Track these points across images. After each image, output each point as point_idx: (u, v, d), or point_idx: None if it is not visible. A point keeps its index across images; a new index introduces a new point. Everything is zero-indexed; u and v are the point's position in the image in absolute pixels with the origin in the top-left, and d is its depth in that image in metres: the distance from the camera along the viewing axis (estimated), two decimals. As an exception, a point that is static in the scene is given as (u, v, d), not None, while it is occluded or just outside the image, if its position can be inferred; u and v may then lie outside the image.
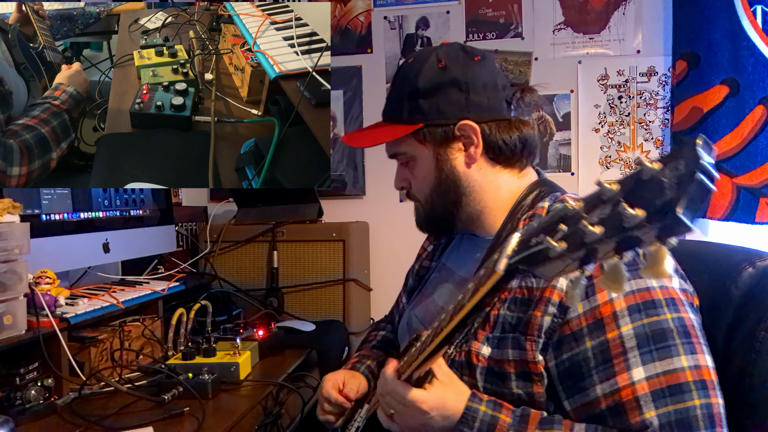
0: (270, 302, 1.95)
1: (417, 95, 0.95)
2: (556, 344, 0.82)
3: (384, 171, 2.30)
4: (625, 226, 0.44)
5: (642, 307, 0.80)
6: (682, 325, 0.79)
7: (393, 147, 1.01)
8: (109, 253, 1.57)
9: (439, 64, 0.95)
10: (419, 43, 2.25)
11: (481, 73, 0.95)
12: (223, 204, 2.33)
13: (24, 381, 1.15)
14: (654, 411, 0.75)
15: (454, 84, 0.94)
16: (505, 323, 0.86)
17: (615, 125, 2.14)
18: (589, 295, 0.81)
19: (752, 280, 0.89)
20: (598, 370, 0.79)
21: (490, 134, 0.94)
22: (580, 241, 0.48)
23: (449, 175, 0.96)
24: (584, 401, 0.80)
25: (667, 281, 0.83)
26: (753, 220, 1.88)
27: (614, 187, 0.46)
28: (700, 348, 0.79)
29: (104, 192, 1.58)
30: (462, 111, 0.94)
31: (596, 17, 2.14)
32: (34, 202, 1.35)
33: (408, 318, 1.10)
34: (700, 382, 0.77)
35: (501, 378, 0.85)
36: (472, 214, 0.98)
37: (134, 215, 1.71)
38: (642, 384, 0.77)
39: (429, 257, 1.18)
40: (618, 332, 0.79)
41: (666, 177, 0.42)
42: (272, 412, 1.27)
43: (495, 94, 0.95)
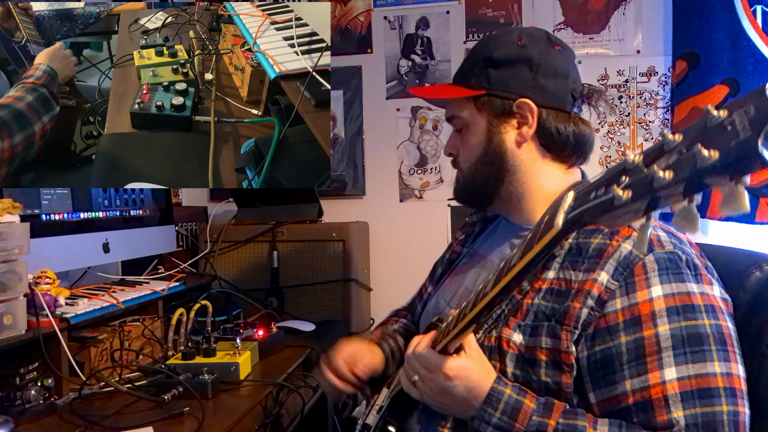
0: (270, 302, 1.95)
1: (489, 63, 0.96)
2: (590, 336, 0.82)
3: (384, 171, 2.31)
4: (698, 167, 0.45)
5: (681, 309, 0.80)
6: (719, 333, 0.80)
7: (452, 109, 1.02)
8: (109, 253, 1.57)
9: (519, 41, 0.96)
10: (419, 43, 2.25)
11: (556, 60, 0.96)
12: (223, 204, 2.33)
13: (24, 381, 1.15)
14: (681, 411, 0.76)
15: (527, 62, 0.95)
16: (539, 312, 0.86)
17: (615, 125, 2.14)
18: (630, 292, 0.81)
19: (759, 284, 0.90)
20: (630, 366, 0.80)
21: (546, 119, 0.94)
22: (648, 188, 0.48)
23: (497, 148, 0.96)
24: (611, 395, 0.81)
25: (708, 288, 0.83)
26: (753, 220, 1.88)
27: (677, 137, 0.47)
28: (734, 357, 0.80)
29: (104, 192, 1.58)
30: (526, 89, 0.94)
31: (596, 17, 2.14)
32: (34, 202, 1.35)
33: (435, 301, 1.09)
34: (730, 389, 0.77)
35: (531, 364, 0.85)
36: (512, 195, 0.98)
37: (134, 215, 1.71)
38: (673, 384, 0.77)
39: (461, 243, 1.17)
40: (655, 331, 0.79)
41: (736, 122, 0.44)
42: (272, 412, 1.27)
43: (563, 85, 0.96)
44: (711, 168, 0.44)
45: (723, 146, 0.44)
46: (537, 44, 0.96)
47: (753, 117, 0.43)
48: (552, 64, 0.95)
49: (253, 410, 1.22)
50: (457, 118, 1.01)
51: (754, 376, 0.85)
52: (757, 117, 0.43)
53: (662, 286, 0.81)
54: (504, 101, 0.95)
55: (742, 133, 0.43)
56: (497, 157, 0.96)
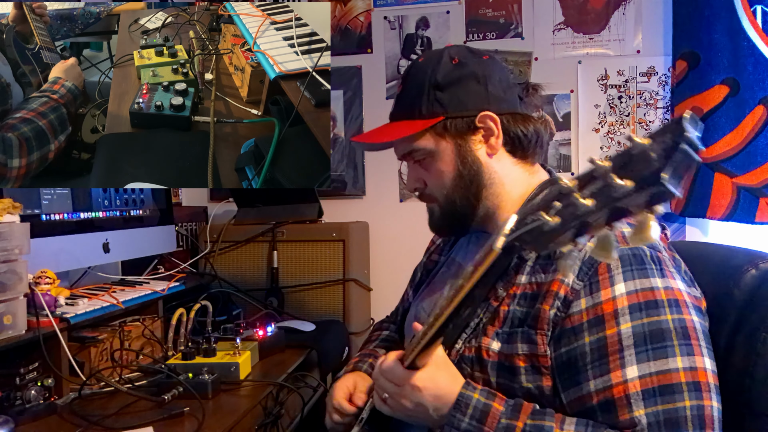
0: (270, 302, 1.95)
1: (436, 88, 0.95)
2: (557, 337, 0.83)
3: (384, 171, 2.30)
4: (614, 196, 0.47)
5: (644, 306, 0.80)
6: (683, 327, 0.80)
7: (407, 145, 0.99)
8: (109, 253, 1.57)
9: (452, 61, 0.96)
10: (419, 43, 2.25)
11: (494, 69, 0.97)
12: (223, 204, 2.33)
13: (24, 381, 1.14)
14: (643, 410, 0.76)
15: (473, 76, 0.95)
16: (514, 318, 0.87)
17: (615, 125, 2.14)
18: (593, 291, 0.82)
19: (754, 282, 0.90)
20: (593, 366, 0.80)
21: (509, 126, 0.95)
22: (574, 215, 0.50)
23: (472, 165, 0.96)
24: (578, 395, 0.81)
25: (673, 282, 0.83)
26: (753, 220, 1.88)
27: (606, 163, 0.49)
28: (699, 350, 0.79)
29: (104, 192, 1.58)
30: (482, 102, 0.95)
31: (596, 17, 2.14)
32: (34, 202, 1.35)
33: (415, 311, 1.10)
34: (693, 384, 0.77)
35: (511, 372, 0.85)
36: (489, 210, 0.98)
37: (134, 215, 1.71)
38: (634, 382, 0.77)
39: (438, 251, 1.18)
40: (617, 330, 0.80)
41: (654, 150, 0.45)
42: (272, 412, 1.27)
43: (510, 89, 0.97)
44: (625, 197, 0.46)
45: (638, 176, 0.46)
46: (469, 59, 0.97)
47: (667, 146, 0.44)
48: (494, 73, 0.96)
49: (253, 410, 1.22)
50: (416, 151, 0.98)
51: (749, 375, 0.85)
52: (669, 147, 0.44)
53: (626, 284, 0.81)
54: (466, 119, 0.95)
55: (654, 163, 0.45)
56: (473, 174, 0.96)
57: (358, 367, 1.14)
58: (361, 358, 1.18)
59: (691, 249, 0.95)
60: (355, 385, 1.09)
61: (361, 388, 1.08)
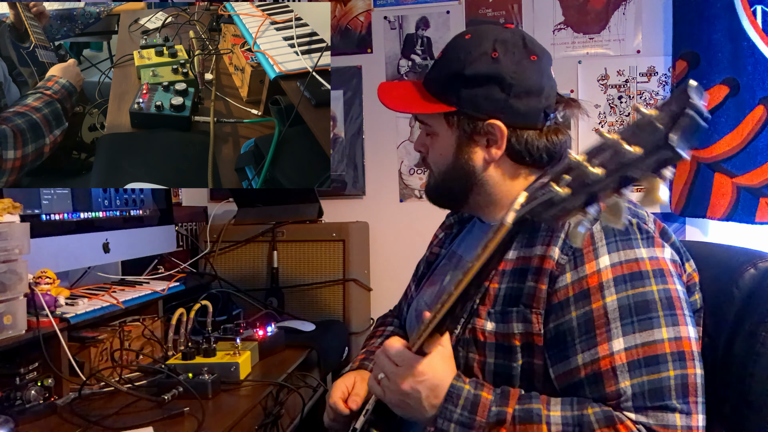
0: (270, 302, 1.95)
1: (460, 81, 0.94)
2: (545, 313, 0.84)
3: (384, 171, 2.30)
4: (624, 162, 0.49)
5: (628, 278, 0.81)
6: (667, 297, 0.81)
7: (422, 115, 1.02)
8: (109, 253, 1.57)
9: (493, 53, 0.93)
10: (419, 43, 2.25)
11: (530, 75, 0.93)
12: (223, 204, 2.33)
13: (24, 381, 1.14)
14: (629, 381, 0.78)
15: (499, 81, 0.92)
16: (506, 296, 0.87)
17: (615, 125, 2.14)
18: (578, 265, 0.82)
19: (754, 281, 0.90)
20: (580, 340, 0.81)
21: (516, 140, 0.94)
22: (583, 184, 0.52)
23: (464, 166, 0.96)
24: (566, 369, 0.82)
25: (659, 251, 0.84)
26: (753, 220, 1.88)
27: (614, 136, 0.51)
28: (683, 320, 0.81)
29: (104, 192, 1.58)
30: (496, 111, 0.93)
31: (596, 17, 2.14)
32: (34, 202, 1.35)
33: (416, 304, 1.10)
34: (677, 354, 0.78)
35: (508, 352, 0.86)
36: (481, 203, 0.99)
37: (134, 215, 1.71)
38: (620, 354, 0.78)
39: (439, 244, 1.18)
40: (602, 303, 0.80)
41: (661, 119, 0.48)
42: (272, 412, 1.27)
43: (535, 103, 0.93)
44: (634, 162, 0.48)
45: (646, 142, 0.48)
46: (511, 57, 0.92)
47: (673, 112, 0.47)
48: (525, 82, 0.92)
49: (253, 410, 1.22)
50: (426, 124, 1.00)
51: (749, 374, 0.85)
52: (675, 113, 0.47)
53: (609, 256, 0.82)
54: (474, 122, 0.94)
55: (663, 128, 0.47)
56: (464, 174, 0.97)
57: (363, 365, 1.13)
58: (366, 355, 1.17)
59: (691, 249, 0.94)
60: (354, 384, 1.08)
61: (359, 389, 1.07)
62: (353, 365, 1.15)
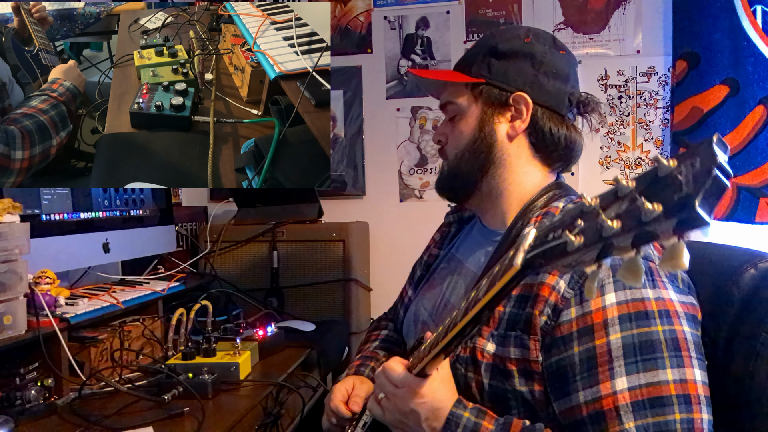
0: (270, 302, 1.95)
1: (492, 53, 0.97)
2: (547, 346, 0.82)
3: (384, 171, 2.31)
4: (643, 220, 0.45)
5: (633, 317, 0.79)
6: (673, 338, 0.79)
7: (448, 95, 1.03)
8: (109, 253, 1.57)
9: (526, 38, 0.97)
10: (419, 43, 2.25)
11: (559, 62, 0.97)
12: (223, 204, 2.33)
13: (24, 381, 1.14)
14: (633, 422, 0.75)
15: (530, 57, 0.96)
16: (509, 320, 0.86)
17: (615, 125, 2.14)
18: (584, 301, 0.81)
19: (754, 282, 0.89)
20: (582, 377, 0.79)
21: (540, 118, 0.95)
22: (598, 236, 0.48)
23: (487, 137, 0.97)
24: (568, 406, 0.80)
25: (664, 292, 0.82)
26: (753, 220, 1.88)
27: (631, 184, 0.47)
28: (689, 362, 0.78)
29: (104, 192, 1.58)
30: (525, 84, 0.95)
31: (596, 17, 2.14)
32: (34, 202, 1.35)
33: (415, 308, 1.10)
34: (683, 397, 0.76)
35: (504, 375, 0.85)
36: (492, 191, 0.99)
37: (134, 215, 1.71)
38: (624, 394, 0.76)
39: (437, 245, 1.18)
40: (606, 340, 0.79)
41: (682, 174, 0.43)
42: (272, 412, 1.27)
43: (562, 87, 0.97)
44: (654, 222, 0.44)
45: (667, 200, 0.43)
46: (542, 43, 0.97)
47: (697, 171, 0.42)
48: (554, 65, 0.96)
49: (253, 410, 1.22)
50: (452, 104, 1.02)
51: (749, 375, 0.85)
52: (701, 172, 0.42)
53: (616, 294, 0.80)
54: (501, 92, 0.96)
55: (685, 188, 0.43)
56: (486, 146, 0.97)
57: (360, 371, 1.13)
58: (362, 361, 1.17)
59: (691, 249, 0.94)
60: (353, 387, 1.08)
61: (358, 391, 1.07)
62: (349, 371, 1.15)
